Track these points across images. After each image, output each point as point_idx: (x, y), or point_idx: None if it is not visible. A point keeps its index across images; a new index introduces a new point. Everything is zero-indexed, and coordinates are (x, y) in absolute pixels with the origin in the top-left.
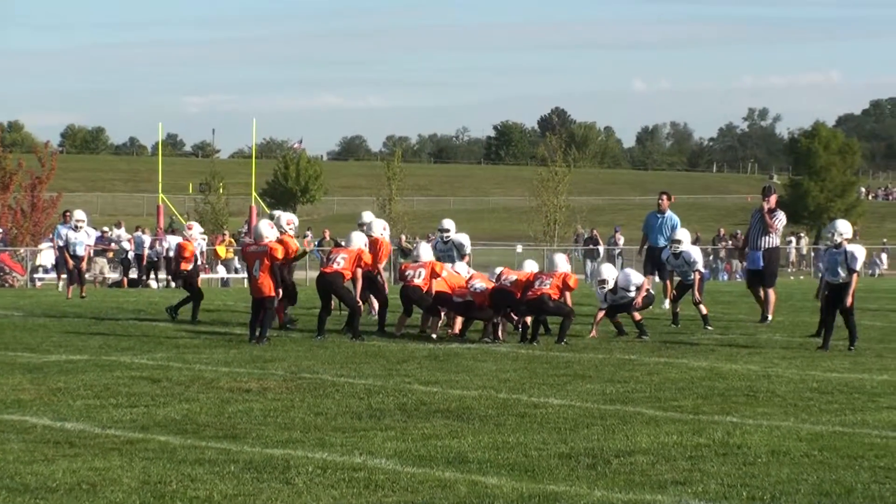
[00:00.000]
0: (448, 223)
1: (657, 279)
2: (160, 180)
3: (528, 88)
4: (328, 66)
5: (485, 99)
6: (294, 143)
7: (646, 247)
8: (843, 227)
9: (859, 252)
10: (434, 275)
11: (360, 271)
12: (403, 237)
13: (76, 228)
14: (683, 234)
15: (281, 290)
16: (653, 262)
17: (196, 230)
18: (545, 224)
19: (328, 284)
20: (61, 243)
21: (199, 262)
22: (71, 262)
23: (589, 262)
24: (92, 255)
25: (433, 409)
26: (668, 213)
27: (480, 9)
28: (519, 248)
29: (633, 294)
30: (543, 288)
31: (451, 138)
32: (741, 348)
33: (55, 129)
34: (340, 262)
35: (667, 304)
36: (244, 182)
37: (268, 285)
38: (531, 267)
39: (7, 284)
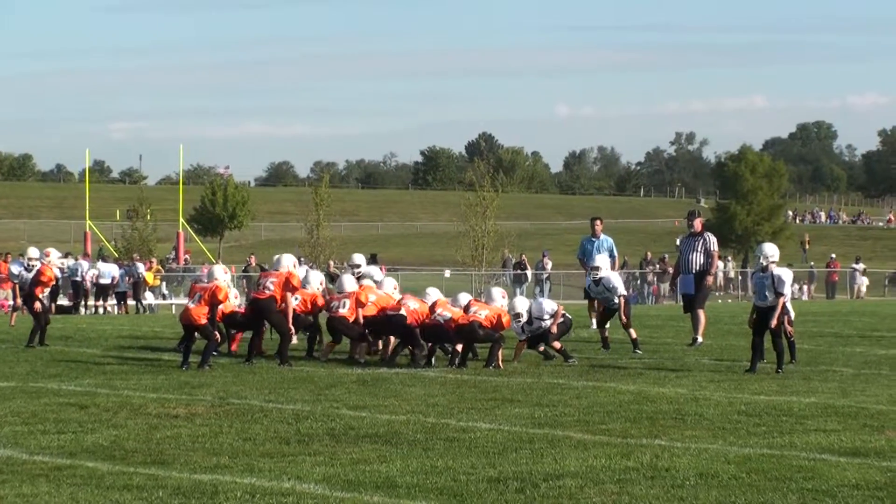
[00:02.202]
0: (358, 258)
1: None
2: (87, 207)
3: (456, 114)
4: (255, 93)
5: (412, 125)
6: (221, 168)
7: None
8: (770, 251)
9: (786, 275)
10: (360, 304)
11: (289, 296)
12: (332, 263)
13: (29, 268)
14: (602, 261)
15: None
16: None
17: (54, 256)
18: (473, 249)
19: (260, 310)
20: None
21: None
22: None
23: (517, 287)
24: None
25: (361, 433)
26: (602, 236)
27: (407, 35)
28: (447, 273)
29: (548, 322)
30: (477, 316)
31: (378, 164)
32: (669, 372)
33: None
34: (270, 287)
35: (594, 325)
36: (172, 208)
37: (201, 315)
38: (465, 299)
39: None
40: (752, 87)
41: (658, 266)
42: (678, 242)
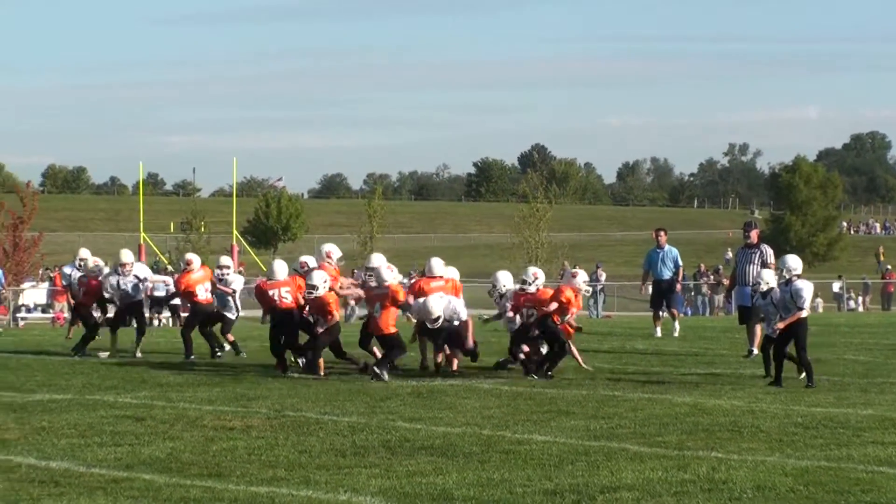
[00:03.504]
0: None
1: (664, 312)
2: (141, 219)
3: (509, 125)
4: (308, 104)
5: (465, 136)
6: (275, 181)
7: (649, 282)
8: (794, 263)
9: (806, 289)
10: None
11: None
12: None
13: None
14: (768, 275)
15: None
16: (658, 295)
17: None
18: (526, 260)
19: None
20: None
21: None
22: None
23: None
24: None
25: (417, 445)
26: (667, 247)
27: (459, 46)
28: None
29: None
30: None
31: (431, 175)
32: (725, 383)
33: (36, 168)
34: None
35: (676, 331)
36: (225, 220)
37: (387, 323)
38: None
39: None
40: (806, 97)
41: (712, 277)
42: (729, 255)
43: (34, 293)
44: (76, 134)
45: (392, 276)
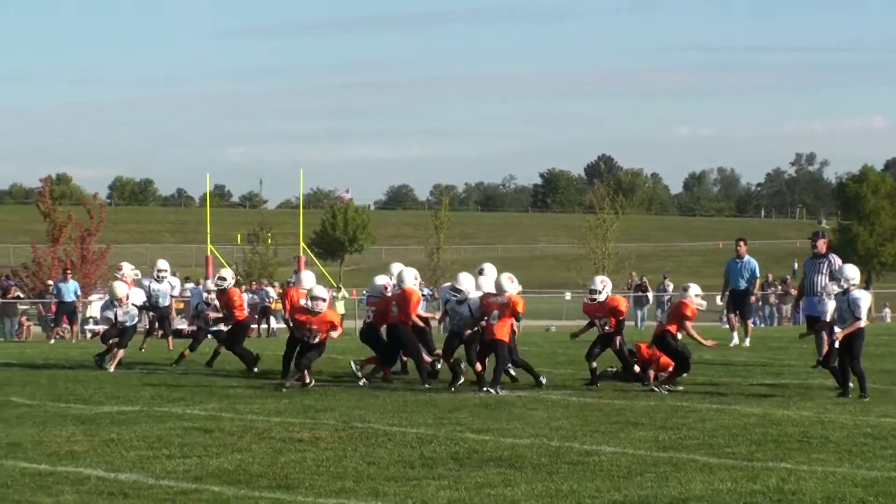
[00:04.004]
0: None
1: (737, 322)
2: (209, 231)
3: (575, 136)
4: (374, 115)
5: (531, 147)
6: (341, 192)
7: (728, 291)
8: (851, 273)
9: (864, 299)
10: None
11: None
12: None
13: (159, 279)
14: (852, 271)
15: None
16: (735, 304)
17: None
18: (594, 271)
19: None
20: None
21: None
22: (152, 314)
23: (638, 310)
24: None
25: (485, 457)
26: (746, 257)
27: (525, 57)
28: (568, 296)
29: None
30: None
31: (497, 186)
32: (794, 394)
33: (103, 181)
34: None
35: (747, 342)
36: (292, 232)
37: (502, 331)
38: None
39: (58, 336)
40: (873, 106)
41: (780, 287)
42: (796, 265)
43: (101, 305)
44: (143, 146)
45: (512, 287)
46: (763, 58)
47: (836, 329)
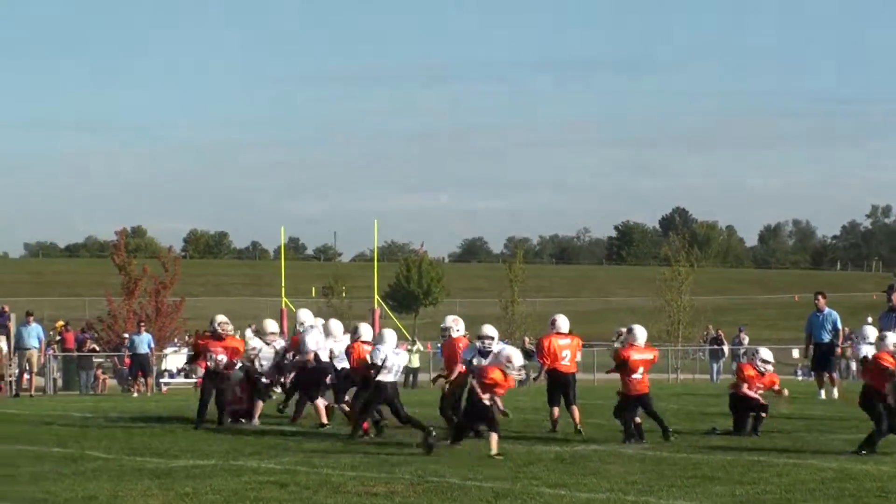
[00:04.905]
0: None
1: (825, 375)
2: (283, 284)
3: (649, 188)
4: (447, 167)
5: (605, 199)
6: (417, 246)
7: (811, 344)
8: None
9: None
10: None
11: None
12: (526, 339)
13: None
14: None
15: None
16: (819, 357)
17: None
18: (669, 324)
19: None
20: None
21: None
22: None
23: (713, 363)
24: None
25: None
26: (827, 309)
27: (598, 109)
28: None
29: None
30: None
31: (572, 239)
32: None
33: (178, 234)
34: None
35: (834, 393)
36: (366, 285)
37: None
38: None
39: (133, 390)
40: None
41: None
42: (870, 319)
43: (176, 358)
44: (217, 199)
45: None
46: (839, 108)
47: None
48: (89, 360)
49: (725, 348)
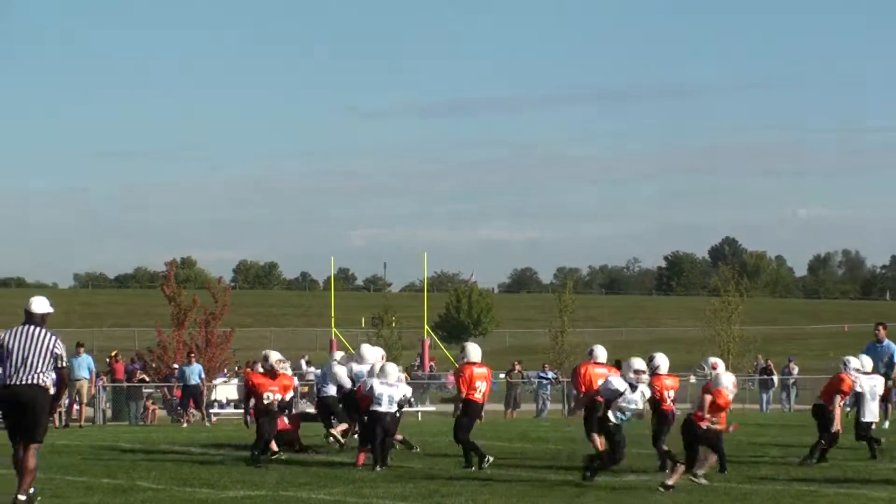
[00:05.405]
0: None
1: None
2: (332, 315)
3: (699, 218)
4: (497, 197)
5: (655, 229)
6: (467, 276)
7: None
8: None
9: None
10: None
11: None
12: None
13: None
14: None
15: None
16: None
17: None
18: (718, 354)
19: None
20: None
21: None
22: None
23: (763, 393)
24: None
25: None
26: (886, 341)
27: (648, 138)
28: (693, 379)
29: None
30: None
31: (621, 269)
32: None
33: (228, 264)
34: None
35: (885, 424)
36: (416, 315)
37: None
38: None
39: (183, 421)
40: None
41: None
42: None
43: (226, 389)
44: (267, 229)
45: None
46: (886, 138)
47: None
48: (139, 391)
49: (775, 378)
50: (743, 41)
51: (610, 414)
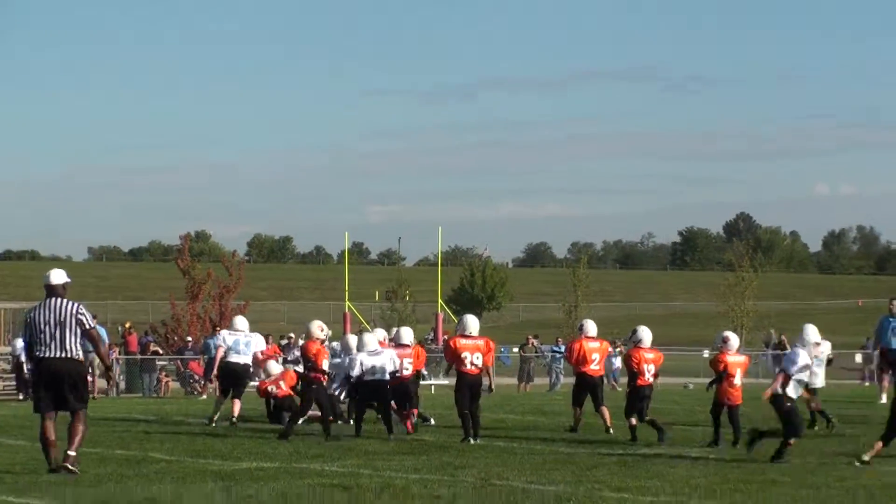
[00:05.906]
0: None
1: (889, 381)
2: (346, 288)
3: (713, 195)
4: (511, 173)
5: (669, 205)
6: (481, 250)
7: (878, 349)
8: None
9: None
10: None
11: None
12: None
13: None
14: None
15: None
16: (888, 363)
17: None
18: (732, 329)
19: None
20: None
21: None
22: None
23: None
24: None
25: None
26: None
27: (664, 115)
28: (706, 353)
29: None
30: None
31: (636, 244)
32: None
33: (242, 238)
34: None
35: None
36: (430, 289)
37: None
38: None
39: (196, 393)
40: None
41: None
42: None
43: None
44: (282, 204)
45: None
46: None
47: None
48: (152, 363)
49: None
50: (753, 33)
51: (790, 389)
